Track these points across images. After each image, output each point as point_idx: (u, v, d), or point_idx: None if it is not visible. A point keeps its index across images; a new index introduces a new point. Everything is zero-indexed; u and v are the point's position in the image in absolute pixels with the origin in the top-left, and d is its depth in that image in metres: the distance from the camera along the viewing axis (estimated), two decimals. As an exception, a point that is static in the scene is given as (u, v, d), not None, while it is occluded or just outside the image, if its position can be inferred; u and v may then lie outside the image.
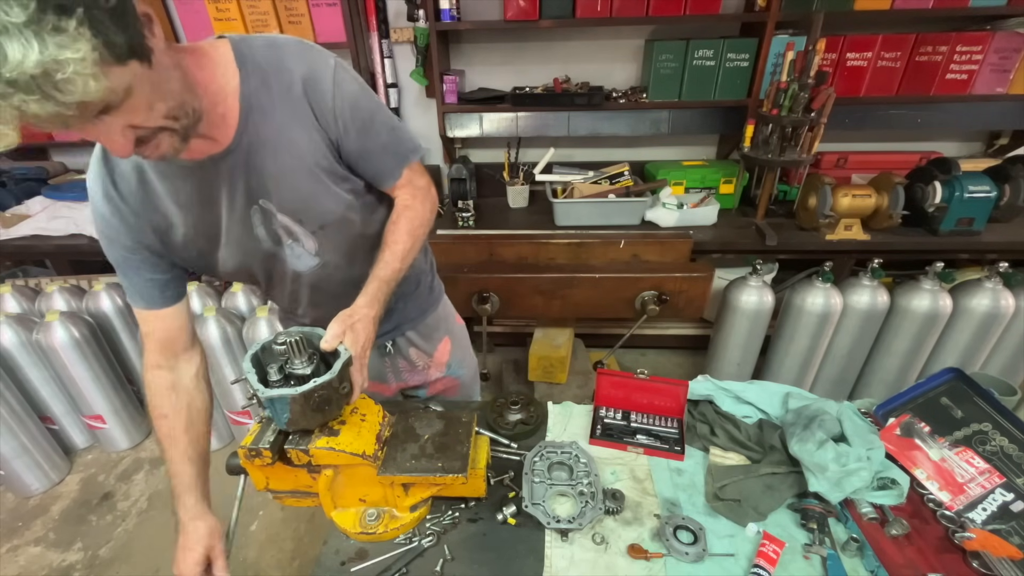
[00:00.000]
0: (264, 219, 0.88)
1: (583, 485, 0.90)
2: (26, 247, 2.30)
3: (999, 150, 2.52)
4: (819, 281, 1.95)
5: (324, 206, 0.89)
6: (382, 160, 0.92)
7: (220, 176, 0.82)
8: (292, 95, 0.80)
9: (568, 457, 0.96)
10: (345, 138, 0.85)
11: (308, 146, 0.83)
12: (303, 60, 0.80)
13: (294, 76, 0.80)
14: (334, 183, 0.88)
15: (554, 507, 0.88)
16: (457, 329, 1.32)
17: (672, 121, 2.40)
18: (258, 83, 0.78)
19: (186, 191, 0.82)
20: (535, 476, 0.92)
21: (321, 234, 0.92)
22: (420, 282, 1.19)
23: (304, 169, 0.84)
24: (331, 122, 0.83)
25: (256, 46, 0.79)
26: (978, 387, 1.02)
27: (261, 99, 0.79)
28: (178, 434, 0.97)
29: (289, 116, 0.81)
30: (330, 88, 0.81)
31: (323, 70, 0.81)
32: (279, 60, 0.80)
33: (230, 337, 2.00)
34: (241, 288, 2.21)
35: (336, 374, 0.77)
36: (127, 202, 0.83)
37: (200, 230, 0.87)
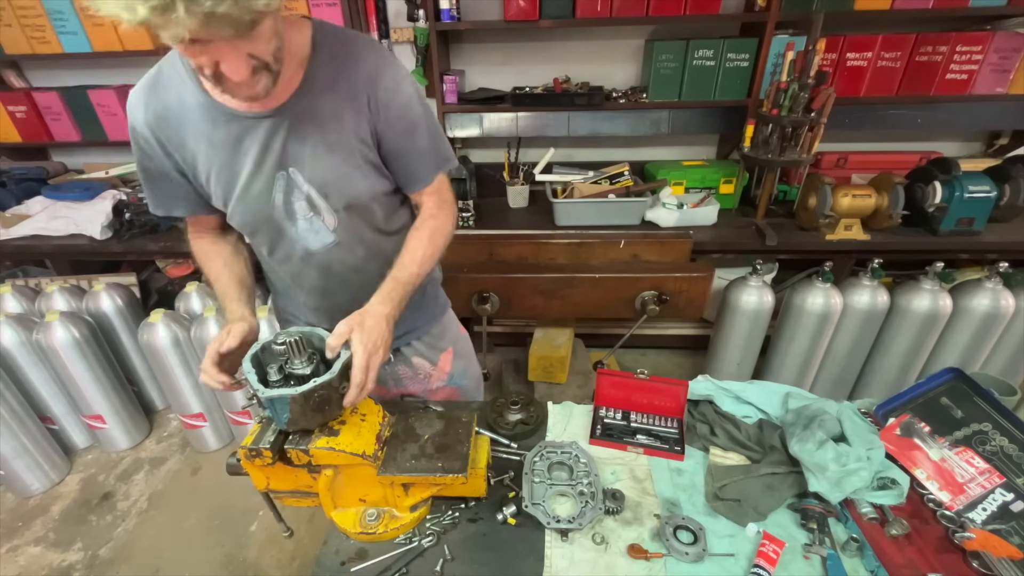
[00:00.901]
0: (286, 188, 0.91)
1: (583, 485, 0.90)
2: (26, 247, 2.30)
3: (999, 150, 2.52)
4: (819, 281, 1.95)
5: (354, 188, 0.93)
6: (418, 163, 0.97)
7: (259, 132, 0.86)
8: (352, 82, 0.87)
9: (568, 457, 0.96)
10: (389, 133, 0.91)
11: (354, 130, 0.89)
12: (370, 56, 0.88)
13: (359, 67, 0.87)
14: (368, 171, 0.93)
15: (554, 507, 0.88)
16: (461, 339, 1.32)
17: (672, 121, 2.40)
18: (325, 62, 0.86)
19: (221, 135, 0.87)
20: (535, 476, 0.92)
21: (343, 215, 0.95)
22: (426, 292, 1.20)
23: (345, 149, 0.89)
24: (381, 116, 0.89)
25: (333, 32, 0.88)
26: (978, 387, 1.02)
27: (323, 76, 0.86)
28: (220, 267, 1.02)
29: (344, 99, 0.87)
30: (389, 85, 0.88)
31: (385, 68, 0.88)
32: (350, 49, 0.88)
33: (230, 337, 1.99)
34: (241, 288, 2.21)
35: (336, 374, 0.77)
36: (162, 131, 0.88)
37: (221, 176, 0.91)
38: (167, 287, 2.68)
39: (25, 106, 2.52)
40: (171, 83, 0.86)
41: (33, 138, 2.62)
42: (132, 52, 2.39)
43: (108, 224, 2.28)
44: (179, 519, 2.00)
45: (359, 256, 1.02)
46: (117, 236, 2.30)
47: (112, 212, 2.29)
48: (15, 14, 2.31)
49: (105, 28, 2.31)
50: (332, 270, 1.02)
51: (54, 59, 2.47)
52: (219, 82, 0.73)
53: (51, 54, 2.41)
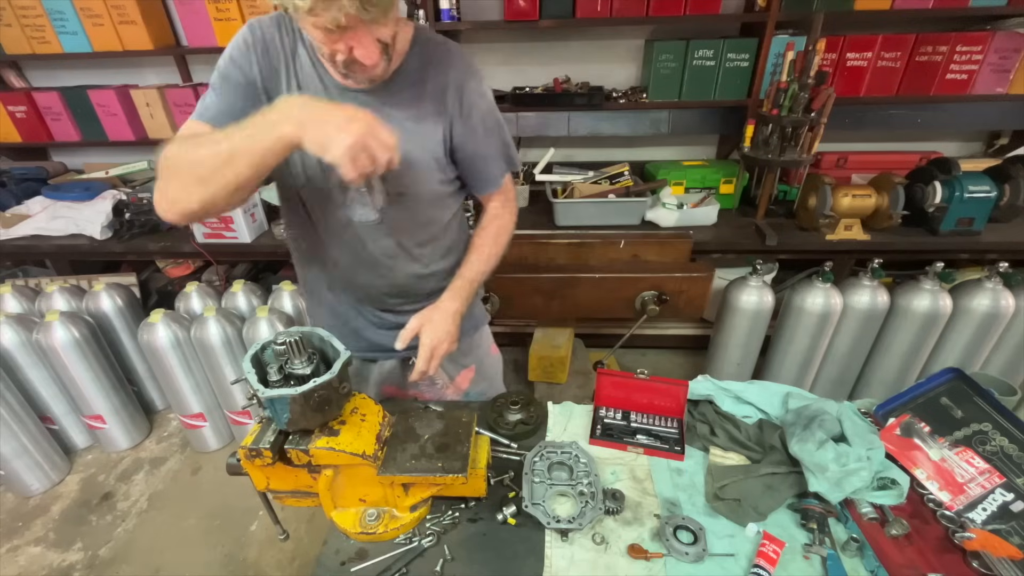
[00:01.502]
0: None
1: (583, 485, 0.90)
2: (26, 247, 2.30)
3: (999, 150, 2.52)
4: (819, 281, 1.95)
5: (413, 179, 0.97)
6: (491, 166, 1.05)
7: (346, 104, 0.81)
8: (439, 84, 0.94)
9: (568, 457, 0.96)
10: (468, 138, 0.99)
11: (432, 127, 0.95)
12: (460, 63, 0.96)
13: (448, 72, 0.94)
14: (432, 168, 0.99)
15: (554, 507, 0.88)
16: (489, 360, 1.32)
17: (672, 121, 2.40)
18: (418, 60, 0.93)
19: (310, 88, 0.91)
20: (535, 476, 0.92)
21: (395, 198, 0.99)
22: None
23: (418, 140, 0.94)
24: (461, 120, 0.97)
25: (430, 36, 0.96)
26: (978, 387, 1.02)
27: (413, 72, 0.93)
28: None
29: (428, 97, 0.94)
30: (474, 93, 0.97)
31: (472, 77, 0.97)
32: (443, 54, 0.95)
33: (230, 337, 1.99)
34: (241, 288, 2.21)
35: (336, 374, 0.77)
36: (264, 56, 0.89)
37: None
38: (167, 287, 2.68)
39: (25, 106, 2.53)
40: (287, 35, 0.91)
41: (33, 138, 2.62)
42: (132, 52, 2.39)
43: (108, 224, 2.28)
44: (179, 519, 2.00)
45: (388, 250, 1.05)
46: (117, 236, 2.30)
47: (112, 212, 2.29)
48: (15, 14, 2.32)
49: (105, 28, 2.32)
50: (365, 247, 1.04)
51: (54, 59, 2.48)
52: (349, 69, 0.81)
53: (51, 54, 2.41)
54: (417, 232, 1.05)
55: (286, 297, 2.22)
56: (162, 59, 2.56)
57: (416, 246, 1.06)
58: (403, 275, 1.08)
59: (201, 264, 2.77)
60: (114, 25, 2.31)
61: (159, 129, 2.57)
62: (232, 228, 2.25)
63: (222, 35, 2.32)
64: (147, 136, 2.61)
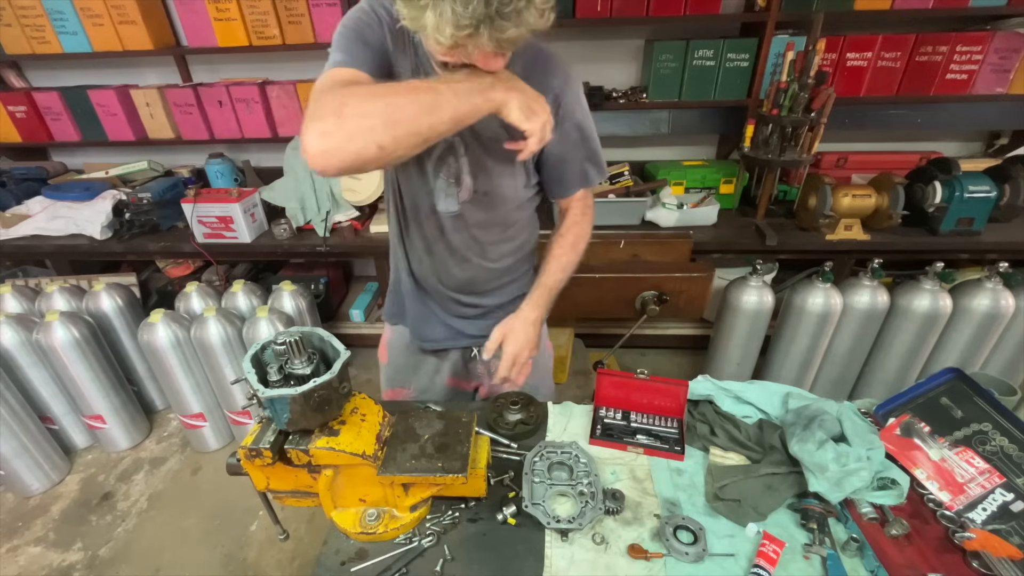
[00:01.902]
0: (447, 146, 0.96)
1: (583, 485, 0.90)
2: (26, 247, 2.30)
3: (999, 150, 2.52)
4: (819, 281, 1.95)
5: (500, 177, 1.00)
6: (574, 172, 1.06)
7: None
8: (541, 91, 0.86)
9: (568, 457, 0.96)
10: (558, 143, 0.98)
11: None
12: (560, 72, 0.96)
13: (548, 79, 0.94)
14: (519, 172, 1.02)
15: (554, 507, 0.88)
16: (544, 354, 1.34)
17: (672, 121, 2.40)
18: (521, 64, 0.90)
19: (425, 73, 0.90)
20: (535, 476, 0.92)
21: (477, 197, 1.02)
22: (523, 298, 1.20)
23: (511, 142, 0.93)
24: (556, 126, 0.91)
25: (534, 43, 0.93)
26: (978, 387, 1.02)
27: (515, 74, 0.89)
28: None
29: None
30: (571, 101, 0.98)
31: (570, 86, 0.97)
32: (544, 61, 0.96)
33: (230, 337, 1.99)
34: (241, 288, 2.21)
35: (336, 374, 0.77)
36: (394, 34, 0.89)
37: None
38: (167, 287, 2.68)
39: (25, 106, 2.53)
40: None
41: (33, 138, 2.62)
42: (132, 52, 2.39)
43: (108, 224, 2.28)
44: (179, 519, 2.00)
45: (465, 243, 1.08)
46: (117, 236, 2.30)
47: (112, 212, 2.30)
48: (15, 14, 2.32)
49: (105, 28, 2.32)
50: (444, 235, 1.08)
51: (54, 59, 2.48)
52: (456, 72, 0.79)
53: (51, 54, 2.41)
54: (492, 229, 1.09)
55: (286, 297, 2.22)
56: (162, 59, 2.56)
57: (489, 243, 1.10)
58: (473, 267, 1.12)
59: (201, 264, 2.77)
60: (114, 25, 2.31)
61: (159, 129, 2.57)
62: (232, 228, 2.25)
63: (222, 35, 2.32)
64: (147, 136, 2.61)
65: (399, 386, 1.34)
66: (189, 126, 2.53)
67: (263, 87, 2.41)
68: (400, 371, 1.33)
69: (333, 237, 2.34)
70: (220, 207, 2.21)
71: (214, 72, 2.63)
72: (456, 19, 0.65)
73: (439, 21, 0.66)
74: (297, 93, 2.41)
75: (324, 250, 2.30)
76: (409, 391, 1.33)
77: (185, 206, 2.22)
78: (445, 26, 0.66)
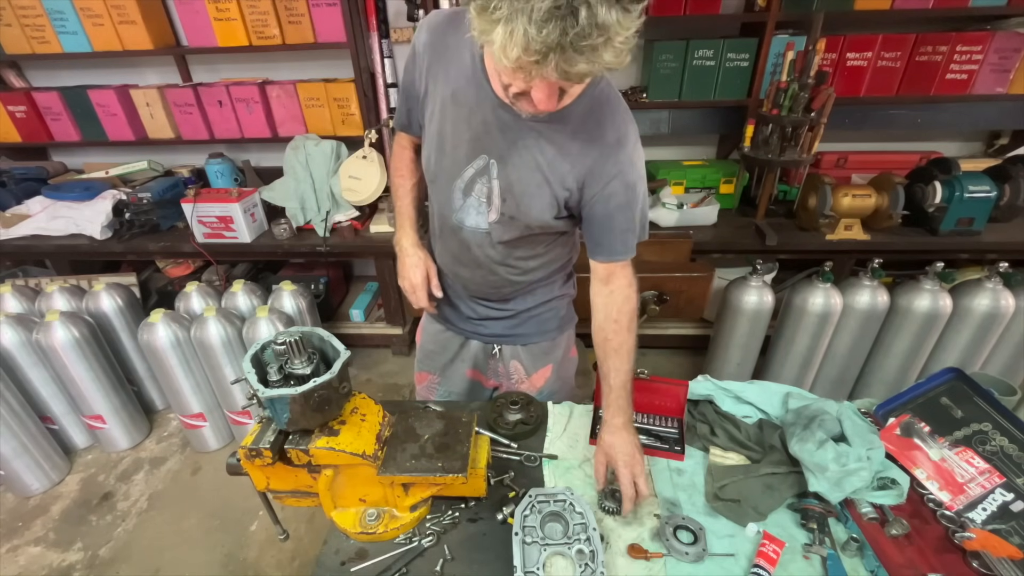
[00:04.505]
0: (480, 169, 0.96)
1: (581, 542, 0.81)
2: (26, 247, 2.30)
3: (999, 150, 2.52)
4: (819, 281, 1.95)
5: (531, 208, 0.96)
6: (614, 239, 0.98)
7: (496, 116, 0.90)
8: (593, 140, 0.90)
9: (563, 507, 0.86)
10: (599, 204, 0.94)
11: (567, 175, 0.92)
12: (624, 130, 0.91)
13: (609, 134, 0.90)
14: (552, 207, 0.96)
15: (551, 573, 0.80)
16: (566, 360, 1.32)
17: (672, 121, 2.39)
18: (585, 106, 0.89)
19: (472, 98, 0.91)
20: (527, 535, 0.82)
21: (506, 220, 0.99)
22: (549, 306, 1.21)
23: (547, 179, 0.93)
24: (599, 184, 0.92)
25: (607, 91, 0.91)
26: (978, 387, 1.02)
27: (573, 118, 0.89)
28: (407, 188, 1.17)
29: (577, 147, 0.90)
30: (623, 164, 0.91)
31: (627, 149, 0.91)
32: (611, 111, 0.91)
33: (230, 337, 1.99)
34: (241, 288, 2.21)
35: (336, 374, 0.77)
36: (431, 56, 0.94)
37: (441, 125, 0.96)
38: (167, 287, 2.68)
39: (25, 106, 2.53)
40: (463, 35, 0.89)
41: (33, 138, 2.62)
42: (132, 52, 2.39)
43: (108, 224, 2.28)
44: (179, 519, 2.00)
45: (492, 257, 1.06)
46: (117, 236, 2.30)
47: (112, 212, 2.30)
48: (15, 14, 2.31)
49: (105, 28, 2.32)
50: (469, 250, 1.07)
51: (54, 59, 2.48)
52: (517, 100, 0.78)
53: (51, 54, 2.41)
54: (521, 247, 1.06)
55: (286, 297, 2.22)
56: (162, 59, 2.56)
57: (518, 259, 1.08)
58: (501, 279, 1.11)
59: (201, 264, 2.77)
60: (114, 25, 2.31)
61: (159, 129, 2.57)
62: (232, 228, 2.25)
63: (222, 35, 2.32)
64: (147, 136, 2.61)
65: (426, 370, 1.36)
66: (189, 126, 2.53)
67: (263, 87, 2.41)
68: (430, 356, 1.33)
69: (333, 237, 2.34)
70: (220, 207, 2.21)
71: (214, 72, 2.63)
72: (527, 42, 0.60)
73: (508, 41, 0.62)
74: (297, 93, 2.40)
75: (324, 250, 2.30)
76: (435, 378, 1.34)
77: (185, 206, 2.22)
78: (513, 48, 0.62)
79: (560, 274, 1.21)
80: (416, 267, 1.13)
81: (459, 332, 1.27)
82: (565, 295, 1.24)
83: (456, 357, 1.30)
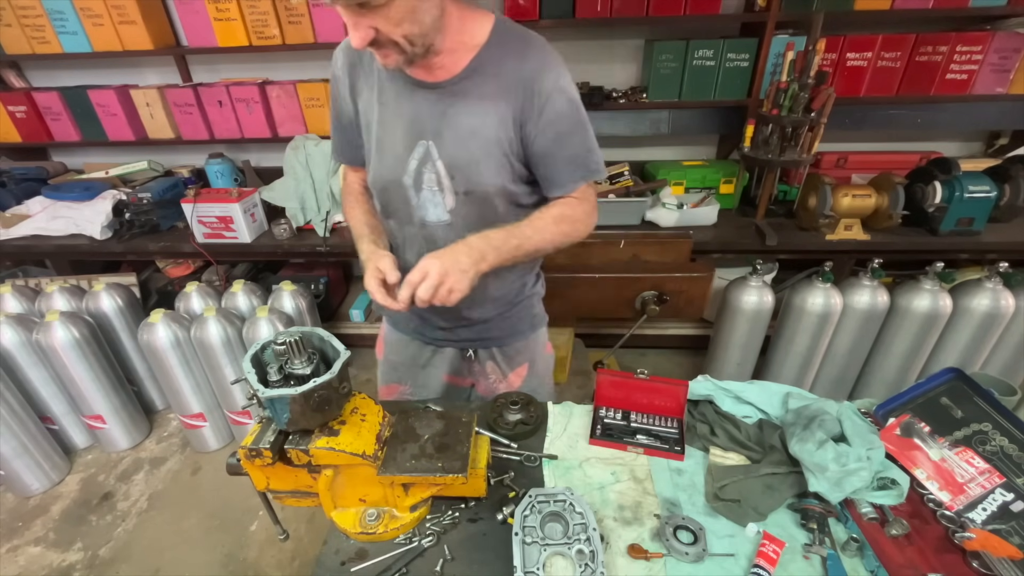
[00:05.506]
0: (422, 156, 0.96)
1: (581, 542, 0.80)
2: (26, 247, 2.30)
3: (999, 150, 2.52)
4: (819, 281, 1.95)
5: (480, 176, 0.95)
6: (563, 169, 0.98)
7: (417, 99, 0.93)
8: (512, 78, 0.91)
9: (562, 507, 0.85)
10: (540, 136, 0.94)
11: (500, 123, 0.92)
12: (536, 56, 0.91)
13: (523, 64, 0.90)
14: (503, 164, 0.95)
15: (551, 573, 0.79)
16: (542, 358, 1.32)
17: (672, 121, 2.40)
18: (494, 53, 0.91)
19: (392, 93, 0.95)
20: (527, 535, 0.82)
21: (462, 198, 0.98)
22: (520, 304, 1.21)
23: (485, 138, 0.93)
24: (534, 117, 0.92)
25: (511, 28, 0.93)
26: (978, 387, 1.02)
27: (487, 66, 0.91)
28: (362, 210, 1.12)
29: (501, 92, 0.91)
30: (549, 90, 0.91)
31: (548, 71, 0.91)
32: (520, 47, 0.92)
33: (230, 337, 1.99)
34: (241, 288, 2.21)
35: (336, 374, 0.77)
36: (353, 75, 0.99)
37: (375, 129, 0.98)
38: (167, 287, 2.68)
39: (25, 106, 2.53)
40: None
41: (33, 138, 2.62)
42: (132, 52, 2.39)
43: (108, 224, 2.28)
44: (179, 519, 2.00)
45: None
46: (117, 236, 2.30)
47: (112, 212, 2.30)
48: (15, 14, 2.32)
49: (105, 28, 2.32)
50: (438, 247, 1.01)
51: (54, 59, 2.48)
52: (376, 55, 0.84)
53: (51, 54, 2.41)
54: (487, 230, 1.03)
55: (286, 297, 2.22)
56: (162, 59, 2.56)
57: None
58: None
59: (201, 264, 2.77)
60: (114, 25, 2.31)
61: (159, 129, 2.57)
62: (232, 228, 2.25)
63: (222, 35, 2.32)
64: (147, 136, 2.61)
65: (394, 382, 1.33)
66: (189, 126, 2.53)
67: (263, 87, 2.41)
68: (396, 368, 1.31)
69: (333, 237, 2.34)
70: (220, 207, 2.21)
71: (214, 72, 2.63)
72: None
73: None
74: (297, 93, 2.41)
75: (324, 250, 2.30)
76: (406, 388, 1.32)
77: (185, 206, 2.22)
78: None
79: (531, 274, 1.21)
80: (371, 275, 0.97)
81: (429, 342, 1.25)
82: (535, 294, 1.24)
83: (429, 364, 1.28)
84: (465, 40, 0.90)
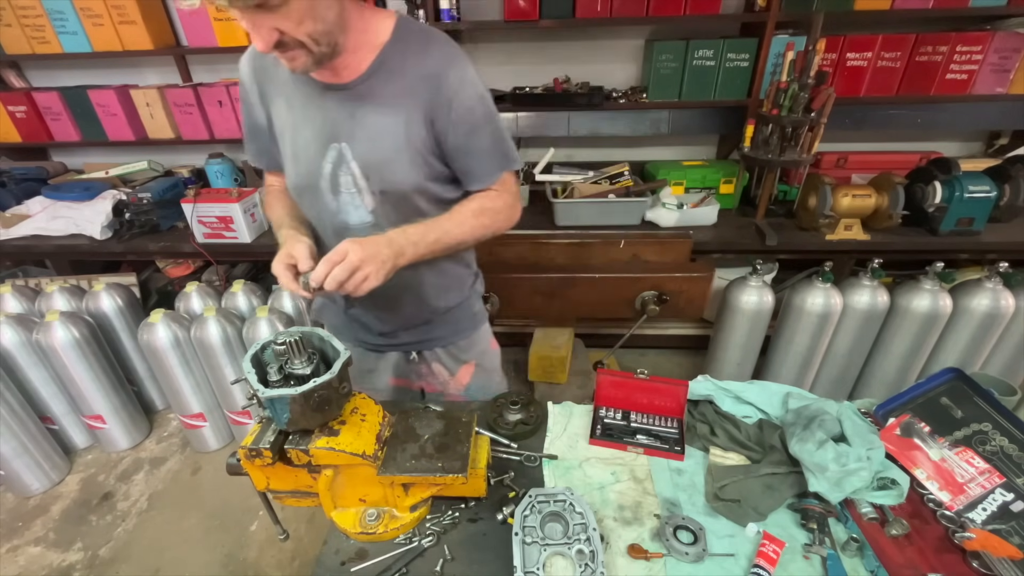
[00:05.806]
0: (336, 160, 0.96)
1: (581, 542, 0.80)
2: (26, 247, 2.30)
3: (999, 150, 2.52)
4: (819, 281, 1.95)
5: (395, 174, 0.95)
6: (480, 162, 0.99)
7: (325, 102, 0.93)
8: (418, 75, 0.91)
9: (563, 507, 0.86)
10: (453, 131, 0.94)
11: (410, 121, 0.92)
12: (440, 53, 0.91)
13: (427, 61, 0.91)
14: (418, 162, 0.95)
15: (551, 573, 0.80)
16: (488, 354, 1.32)
17: (672, 121, 2.40)
18: (398, 51, 0.91)
19: (299, 98, 0.95)
20: (527, 535, 0.82)
21: (380, 198, 0.98)
22: (461, 304, 1.20)
23: (396, 136, 0.93)
24: (444, 113, 0.92)
25: (413, 26, 0.93)
26: (978, 387, 1.02)
27: (392, 64, 0.91)
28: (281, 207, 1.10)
29: (407, 91, 0.91)
30: (455, 85, 0.91)
31: (453, 67, 0.91)
32: (424, 45, 0.92)
33: (230, 337, 1.99)
34: (241, 288, 2.21)
35: (336, 374, 0.77)
36: (261, 82, 0.99)
37: (288, 135, 0.98)
38: (167, 287, 2.68)
39: (25, 106, 2.52)
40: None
41: (33, 138, 2.62)
42: (132, 52, 2.39)
43: (108, 224, 2.28)
44: (179, 519, 2.00)
45: None
46: (117, 236, 2.30)
47: (112, 212, 2.29)
48: (15, 14, 2.32)
49: (105, 28, 2.32)
50: None
51: (54, 59, 2.48)
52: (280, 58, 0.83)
53: (51, 54, 2.41)
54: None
55: (286, 297, 2.22)
56: (162, 59, 2.56)
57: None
58: (404, 276, 0.98)
59: (201, 264, 2.77)
60: (114, 25, 2.31)
61: (159, 129, 2.57)
62: (232, 228, 2.25)
63: (222, 35, 2.32)
64: (147, 136, 2.61)
65: None
66: (189, 126, 2.53)
67: (263, 87, 2.41)
68: None
69: (333, 237, 2.34)
70: (220, 207, 2.20)
71: (214, 72, 2.63)
72: None
73: None
74: (297, 93, 2.40)
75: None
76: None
77: (185, 206, 2.22)
78: None
79: (468, 272, 1.21)
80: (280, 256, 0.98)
81: (372, 348, 1.24)
82: (475, 292, 1.24)
83: (375, 370, 1.28)
84: (369, 39, 0.90)
